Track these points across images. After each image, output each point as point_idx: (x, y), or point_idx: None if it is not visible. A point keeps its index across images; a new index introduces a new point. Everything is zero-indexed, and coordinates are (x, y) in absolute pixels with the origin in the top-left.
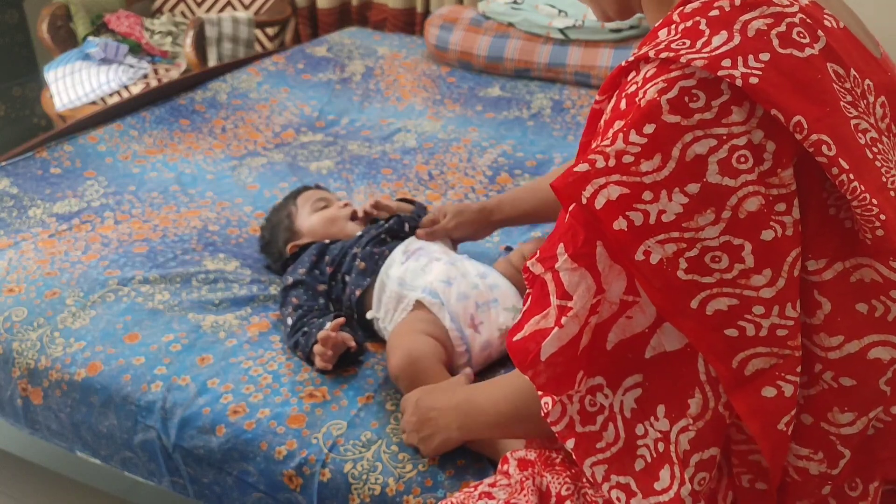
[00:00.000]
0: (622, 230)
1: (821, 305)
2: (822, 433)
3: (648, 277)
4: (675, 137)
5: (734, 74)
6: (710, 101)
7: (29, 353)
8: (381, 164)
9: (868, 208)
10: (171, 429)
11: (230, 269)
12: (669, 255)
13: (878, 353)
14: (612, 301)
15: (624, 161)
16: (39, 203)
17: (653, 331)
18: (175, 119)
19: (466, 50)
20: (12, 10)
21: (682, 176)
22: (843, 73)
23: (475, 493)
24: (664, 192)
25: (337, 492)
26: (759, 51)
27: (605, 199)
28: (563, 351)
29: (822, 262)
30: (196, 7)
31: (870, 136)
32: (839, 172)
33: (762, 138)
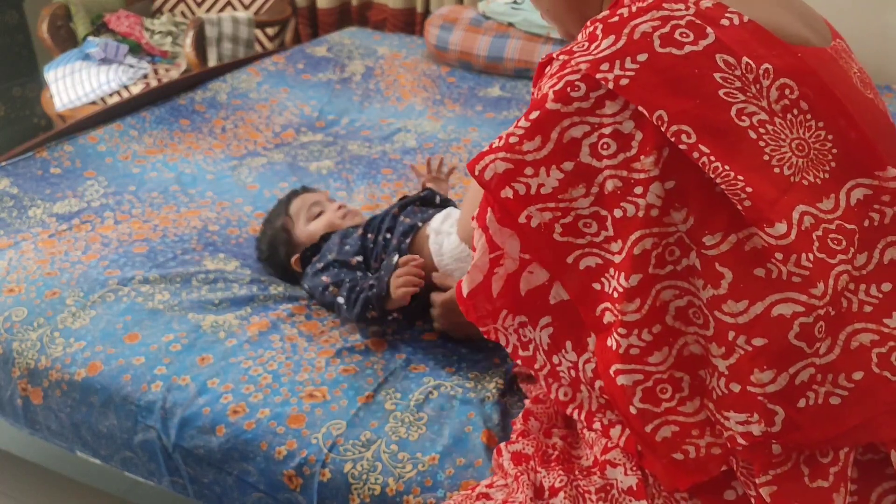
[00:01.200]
0: (508, 198)
1: (723, 275)
2: (750, 396)
3: (530, 237)
4: (555, 122)
5: (608, 78)
6: (589, 92)
7: (29, 353)
8: (381, 164)
9: (732, 183)
10: (171, 429)
11: (230, 268)
12: (546, 220)
13: (781, 309)
14: (513, 257)
15: (510, 141)
16: (39, 203)
17: (551, 283)
18: (175, 119)
19: (466, 50)
20: (12, 10)
21: (558, 155)
22: (733, 62)
23: (473, 494)
24: (543, 169)
25: (337, 492)
26: (639, 52)
27: (493, 172)
28: (476, 293)
29: (718, 236)
30: (196, 7)
31: (757, 118)
32: (699, 156)
33: (632, 128)
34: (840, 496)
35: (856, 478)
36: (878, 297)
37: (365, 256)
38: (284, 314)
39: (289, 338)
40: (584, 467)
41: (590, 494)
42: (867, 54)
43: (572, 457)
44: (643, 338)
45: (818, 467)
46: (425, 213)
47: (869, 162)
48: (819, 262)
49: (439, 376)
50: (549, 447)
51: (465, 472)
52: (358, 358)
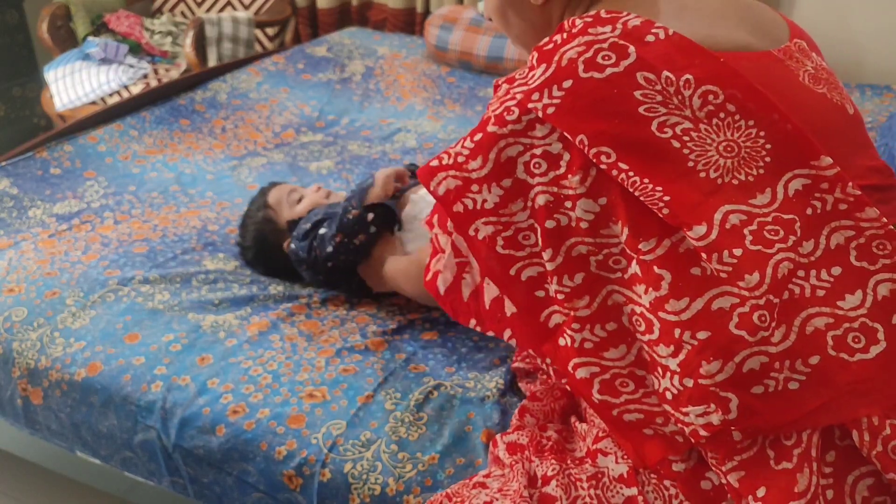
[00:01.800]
0: (459, 212)
1: (663, 277)
2: (703, 388)
3: (477, 249)
4: (493, 143)
5: (537, 107)
6: (521, 116)
7: (29, 353)
8: (382, 164)
9: (650, 194)
10: (171, 429)
11: (230, 268)
12: (490, 233)
13: (720, 303)
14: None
15: (458, 160)
16: (39, 203)
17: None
18: (175, 119)
19: (466, 50)
20: (12, 10)
21: (498, 173)
22: (653, 78)
23: (470, 483)
24: (485, 186)
25: (337, 492)
26: (565, 79)
27: (445, 188)
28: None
29: (652, 241)
30: (196, 7)
31: (680, 127)
32: (619, 173)
33: (560, 149)
34: (804, 476)
35: (832, 461)
36: (829, 282)
37: None
38: (284, 314)
39: (289, 338)
40: (576, 458)
41: (581, 482)
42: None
43: (566, 448)
44: (596, 333)
45: (782, 450)
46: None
47: (805, 153)
48: (752, 255)
49: (439, 376)
50: (543, 438)
51: (465, 472)
52: (358, 358)
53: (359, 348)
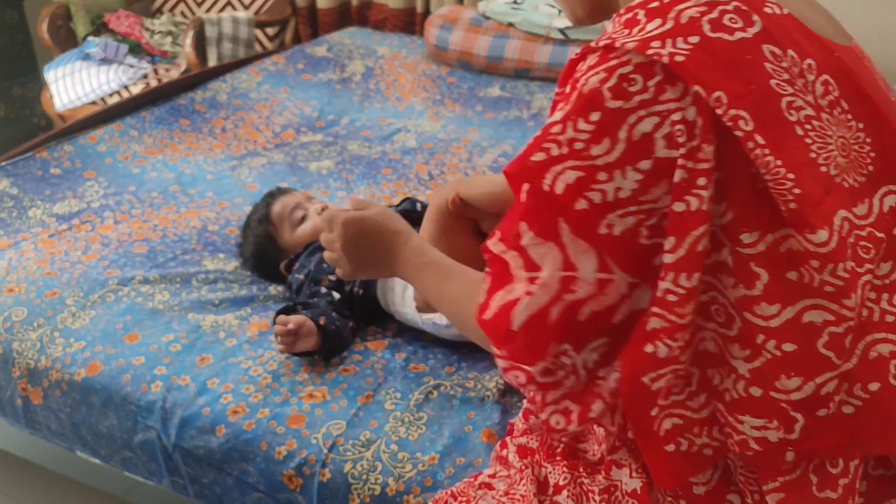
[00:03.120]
0: (584, 209)
1: (759, 276)
2: (772, 402)
3: (614, 247)
4: (620, 121)
5: (661, 53)
6: (646, 82)
7: (29, 353)
8: (382, 164)
9: (781, 182)
10: (171, 429)
11: (230, 269)
12: (630, 226)
13: (812, 316)
14: (587, 280)
15: (576, 147)
16: (39, 203)
17: (624, 300)
18: (175, 119)
19: (466, 50)
20: (12, 10)
21: (632, 155)
22: (779, 53)
23: (475, 482)
24: (617, 172)
25: (337, 492)
26: (689, 34)
27: (565, 183)
28: (533, 319)
29: (756, 234)
30: (196, 7)
31: (804, 112)
32: (754, 147)
33: (695, 114)
34: None
35: (864, 492)
36: None
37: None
38: None
39: None
40: (589, 463)
41: (593, 494)
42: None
43: (578, 451)
44: (685, 339)
45: (827, 477)
46: None
47: None
48: (852, 273)
49: (439, 376)
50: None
51: (465, 472)
52: (358, 358)
53: (359, 349)
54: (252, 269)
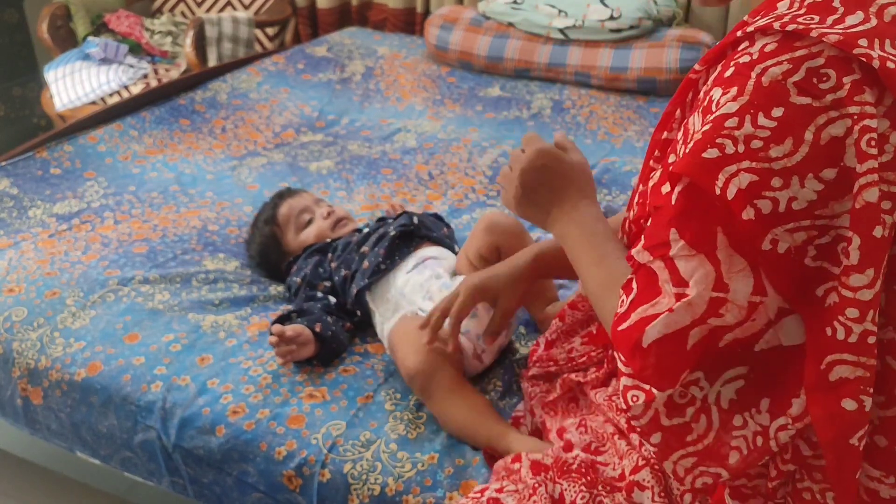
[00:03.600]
0: (750, 219)
1: None
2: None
3: (775, 266)
4: (808, 119)
5: (871, 55)
6: (840, 78)
7: (29, 353)
8: (381, 164)
9: None
10: (170, 429)
11: (230, 269)
12: (798, 243)
13: None
14: (739, 304)
15: (753, 146)
16: (39, 203)
17: (769, 326)
18: (175, 119)
19: (466, 50)
20: (12, 9)
21: (816, 161)
22: None
23: (483, 498)
24: (795, 178)
25: (336, 492)
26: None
27: (737, 188)
28: (668, 340)
29: None
30: (196, 7)
31: None
32: None
33: (887, 128)
34: None
35: None
36: None
37: (333, 282)
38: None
39: None
40: (608, 479)
41: None
42: None
43: (596, 463)
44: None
45: None
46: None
47: None
48: None
49: None
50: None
51: (464, 472)
52: (358, 359)
53: (359, 350)
54: (257, 268)
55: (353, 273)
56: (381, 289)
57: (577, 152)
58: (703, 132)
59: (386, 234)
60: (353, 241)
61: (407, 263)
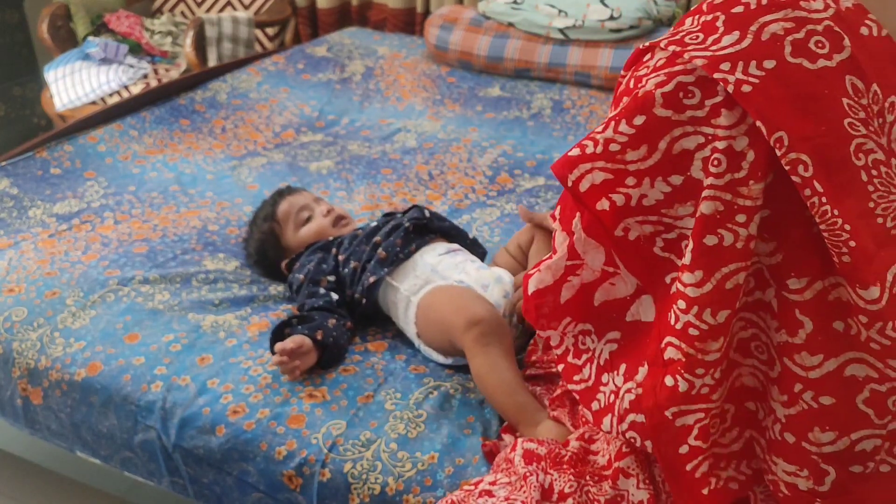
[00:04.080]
0: (604, 210)
1: (803, 325)
2: (804, 451)
3: (626, 251)
4: (665, 130)
5: (728, 80)
6: (704, 99)
7: (29, 353)
8: (381, 164)
9: (837, 234)
10: (170, 429)
11: (230, 269)
12: (647, 233)
13: (854, 370)
14: (593, 269)
15: (611, 149)
16: (39, 203)
17: (633, 299)
18: (175, 119)
19: (466, 50)
20: (12, 9)
21: (667, 167)
22: (861, 88)
23: (475, 490)
24: (647, 180)
25: (336, 492)
26: (766, 57)
27: (590, 183)
28: (542, 293)
29: (804, 281)
30: (196, 7)
31: (873, 157)
32: (811, 194)
33: (745, 146)
34: None
35: None
36: None
37: (338, 276)
38: (284, 314)
39: None
40: (596, 470)
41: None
42: None
43: (589, 453)
44: (714, 377)
45: None
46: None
47: None
48: None
49: (439, 377)
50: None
51: (464, 472)
52: (358, 358)
53: (359, 349)
54: (254, 265)
55: (363, 263)
56: (401, 272)
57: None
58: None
59: (400, 226)
60: (362, 234)
61: (436, 248)
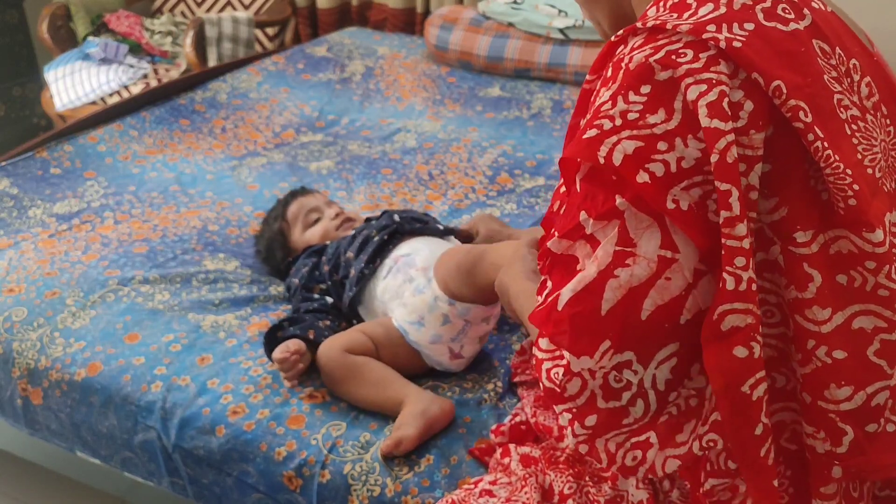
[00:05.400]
0: (646, 183)
1: (812, 278)
2: (821, 411)
3: (686, 223)
4: (673, 90)
5: (718, 38)
6: (697, 54)
7: (29, 353)
8: (382, 164)
9: (841, 177)
10: (170, 429)
11: (230, 269)
12: (696, 199)
13: (862, 322)
14: (648, 258)
15: (630, 118)
16: (39, 203)
17: (689, 292)
18: (175, 119)
19: (466, 50)
20: (12, 9)
21: (692, 123)
22: (828, 50)
23: (476, 490)
24: (678, 140)
25: (336, 493)
26: (744, 21)
27: (622, 154)
28: (580, 298)
29: (809, 233)
30: (196, 7)
31: (851, 112)
32: (814, 139)
33: (741, 97)
34: None
35: None
36: None
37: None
38: (284, 314)
39: None
40: (595, 471)
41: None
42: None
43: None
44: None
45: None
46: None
47: None
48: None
49: (437, 377)
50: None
51: (459, 470)
52: None
53: None
54: (263, 262)
55: (341, 279)
56: (367, 297)
57: None
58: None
59: (369, 238)
60: (342, 245)
61: (382, 270)
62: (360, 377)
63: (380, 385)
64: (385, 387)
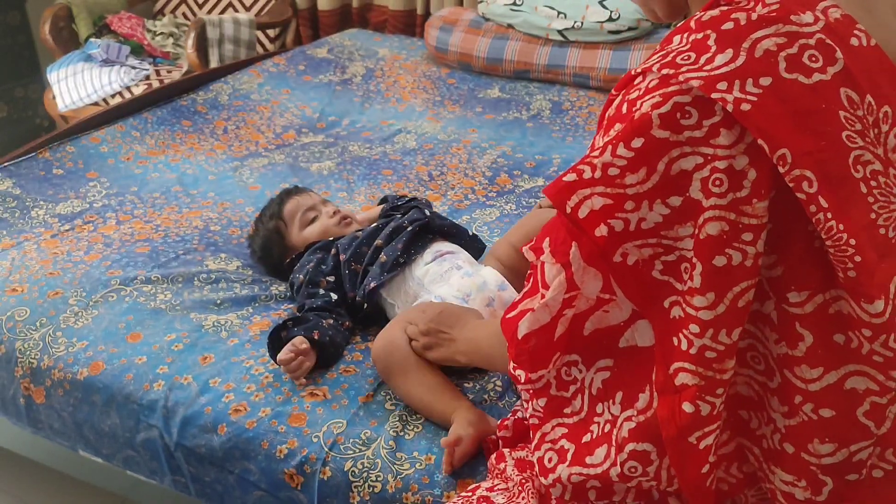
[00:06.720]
0: (602, 236)
1: (803, 338)
2: (803, 462)
3: (625, 276)
4: (663, 152)
5: (727, 99)
6: (701, 119)
7: (31, 353)
8: (382, 164)
9: (843, 249)
10: (173, 428)
11: (232, 268)
12: (646, 256)
13: (855, 382)
14: (588, 297)
15: (609, 173)
16: (42, 204)
17: (627, 325)
18: (177, 120)
19: (466, 51)
20: (14, 11)
21: (665, 188)
22: (856, 100)
23: (473, 497)
24: (646, 202)
25: (337, 490)
26: (761, 74)
27: (589, 209)
28: (536, 334)
29: (804, 294)
30: (197, 8)
31: (871, 168)
32: (817, 210)
33: (745, 165)
34: None
35: None
36: None
37: (338, 277)
38: (286, 314)
39: None
40: None
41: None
42: None
43: None
44: (723, 392)
45: None
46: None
47: None
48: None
49: None
50: None
51: (461, 470)
52: (359, 357)
53: (360, 348)
54: (258, 262)
55: (365, 267)
56: (397, 282)
57: None
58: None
59: (401, 228)
60: (362, 236)
61: (424, 256)
62: (419, 377)
63: (436, 390)
64: (441, 392)
